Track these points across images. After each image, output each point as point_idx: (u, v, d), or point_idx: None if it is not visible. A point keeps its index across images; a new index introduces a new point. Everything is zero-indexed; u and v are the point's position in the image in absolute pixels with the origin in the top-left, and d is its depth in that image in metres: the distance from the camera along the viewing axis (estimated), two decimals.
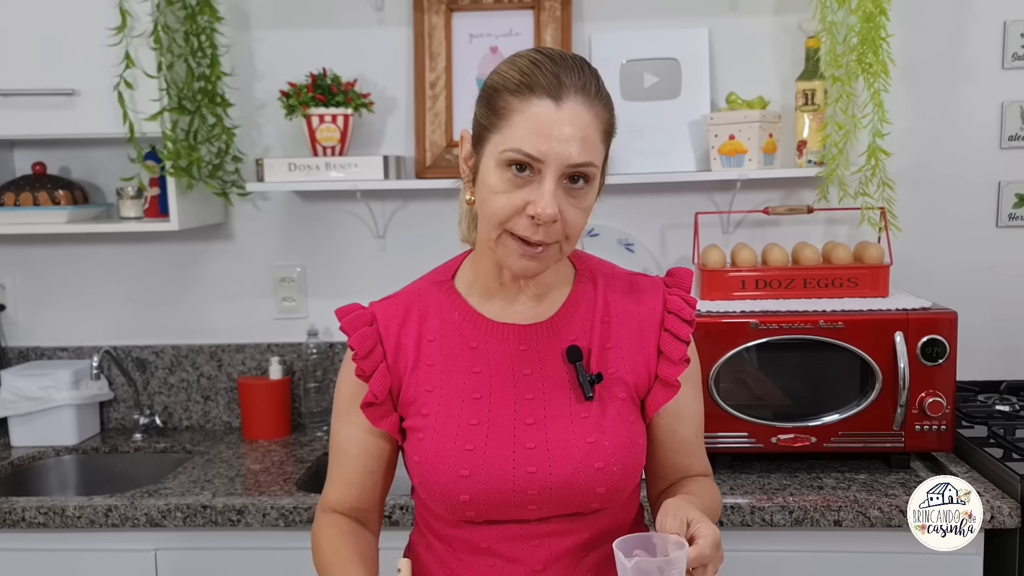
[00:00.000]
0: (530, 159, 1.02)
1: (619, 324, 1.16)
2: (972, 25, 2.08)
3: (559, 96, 1.02)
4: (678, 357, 1.15)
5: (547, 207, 1.01)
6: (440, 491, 1.10)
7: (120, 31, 1.89)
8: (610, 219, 2.17)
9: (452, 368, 1.13)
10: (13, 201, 2.10)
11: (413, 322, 1.15)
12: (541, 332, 1.15)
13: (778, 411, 1.80)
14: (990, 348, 2.12)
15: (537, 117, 1.02)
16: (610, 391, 1.13)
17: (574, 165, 1.03)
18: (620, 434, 1.11)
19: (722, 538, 1.02)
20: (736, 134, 1.99)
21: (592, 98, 1.05)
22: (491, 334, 1.14)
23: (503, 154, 1.03)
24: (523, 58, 1.06)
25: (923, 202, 2.12)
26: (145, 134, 1.96)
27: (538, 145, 1.01)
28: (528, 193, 1.03)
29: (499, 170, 1.04)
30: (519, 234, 1.04)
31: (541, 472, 1.08)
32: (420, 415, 1.13)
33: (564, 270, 1.18)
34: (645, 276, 1.22)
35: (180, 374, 2.28)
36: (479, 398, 1.12)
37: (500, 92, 1.05)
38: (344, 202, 2.23)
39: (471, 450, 1.09)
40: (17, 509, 1.72)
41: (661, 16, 2.13)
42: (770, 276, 1.89)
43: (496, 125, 1.04)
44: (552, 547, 1.12)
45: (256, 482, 1.84)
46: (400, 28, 2.16)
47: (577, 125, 1.02)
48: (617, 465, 1.10)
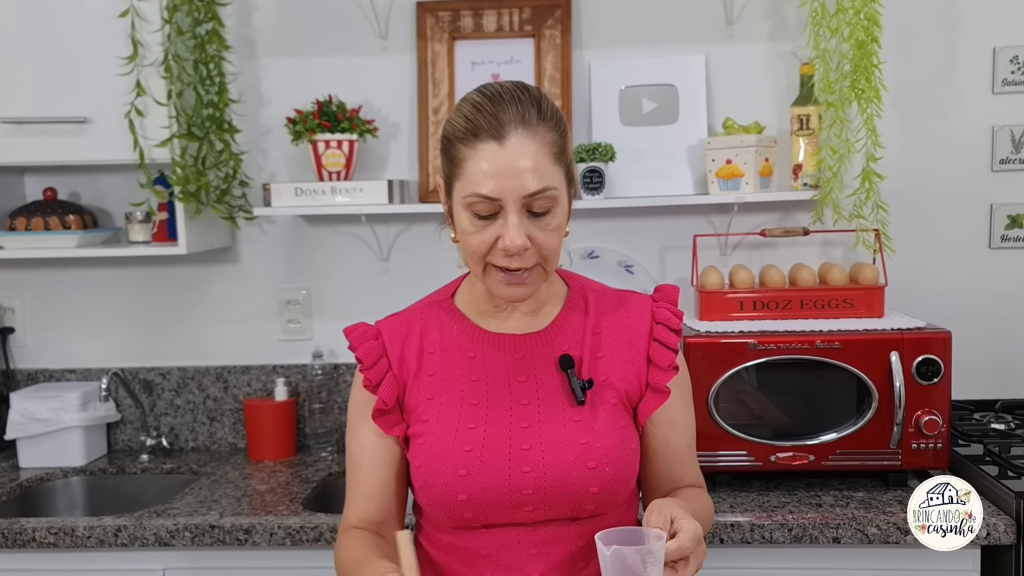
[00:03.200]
0: (488, 200, 1.09)
1: (609, 335, 1.23)
2: (962, 51, 2.13)
3: (500, 135, 1.09)
4: (667, 364, 1.21)
5: (514, 239, 1.09)
6: (439, 491, 1.14)
7: (132, 60, 1.94)
8: (610, 241, 2.21)
9: (451, 377, 1.20)
10: (24, 226, 2.13)
11: (415, 336, 1.23)
12: (535, 342, 1.21)
13: (777, 430, 1.83)
14: (984, 367, 2.15)
15: (485, 160, 1.09)
16: (601, 396, 1.19)
17: (531, 195, 1.09)
18: (611, 436, 1.17)
19: (722, 555, 1.05)
20: (733, 158, 2.03)
21: (534, 127, 1.10)
22: (488, 344, 1.21)
23: (465, 199, 1.11)
24: (467, 103, 1.14)
25: (917, 224, 2.16)
26: (154, 160, 2.00)
27: (492, 186, 1.08)
28: (497, 228, 1.10)
29: (467, 213, 1.12)
30: (499, 265, 1.12)
31: (536, 471, 1.13)
32: (421, 421, 1.19)
33: (557, 288, 1.26)
34: (633, 292, 1.29)
35: (186, 395, 2.31)
36: (476, 404, 1.18)
37: (452, 142, 1.13)
38: (349, 225, 2.27)
39: (468, 451, 1.15)
40: (27, 529, 1.74)
41: (659, 43, 2.18)
42: (767, 297, 1.93)
43: (455, 173, 1.13)
44: (550, 555, 1.16)
45: (262, 502, 1.86)
46: (404, 56, 2.21)
47: (524, 157, 1.09)
48: (609, 466, 1.15)
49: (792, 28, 2.14)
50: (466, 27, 2.18)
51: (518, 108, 1.10)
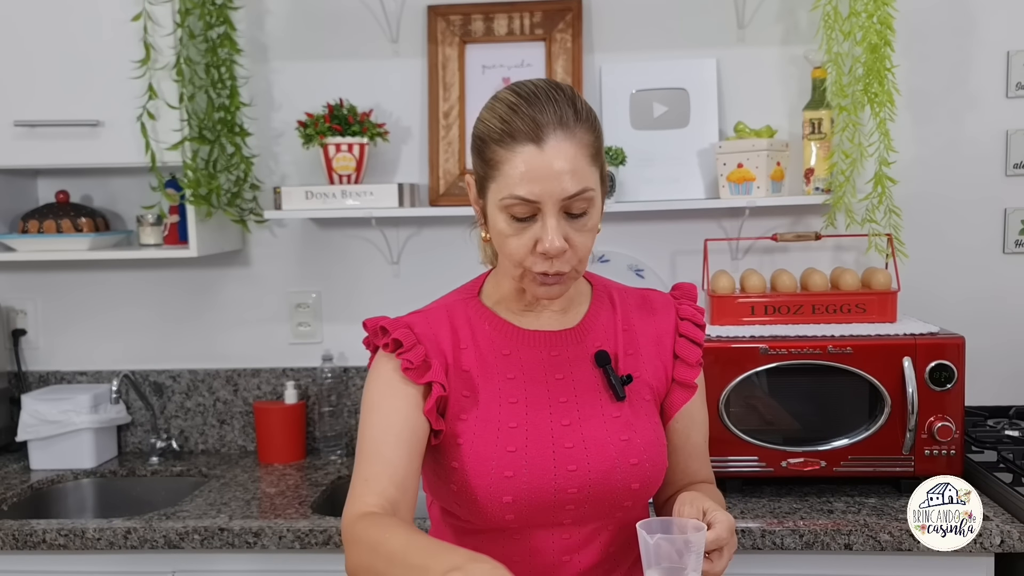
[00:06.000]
0: (527, 202, 1.08)
1: (639, 332, 1.23)
2: (976, 55, 2.12)
3: (539, 138, 1.07)
4: (694, 360, 1.24)
5: (554, 241, 1.08)
6: (482, 494, 1.11)
7: (144, 64, 1.94)
8: (620, 245, 2.20)
9: (487, 374, 1.17)
10: (37, 228, 2.14)
11: (446, 331, 1.18)
12: (569, 339, 1.20)
13: (788, 435, 1.82)
14: (998, 373, 2.14)
15: (524, 163, 1.07)
16: (638, 393, 1.20)
17: (570, 197, 1.08)
18: (649, 432, 1.18)
19: (733, 561, 1.05)
20: (744, 162, 2.02)
21: (572, 128, 1.09)
22: (522, 341, 1.19)
23: (502, 202, 1.09)
24: (501, 103, 1.11)
25: (930, 229, 2.14)
26: (166, 163, 2.01)
27: (531, 188, 1.07)
28: (535, 231, 1.09)
29: (503, 215, 1.10)
30: (536, 271, 1.11)
31: (581, 470, 1.13)
32: (459, 419, 1.15)
33: (582, 286, 1.26)
34: (653, 291, 1.30)
35: (197, 398, 2.32)
36: (515, 402, 1.16)
37: (487, 143, 1.11)
38: (359, 229, 2.27)
39: (513, 452, 1.13)
40: (38, 531, 1.75)
41: (670, 47, 2.17)
42: (779, 302, 1.92)
43: (491, 175, 1.11)
44: (584, 555, 1.16)
45: (272, 505, 1.86)
46: (415, 59, 2.22)
47: (563, 159, 1.07)
48: (649, 462, 1.16)
49: (804, 32, 2.13)
50: (477, 31, 2.18)
51: (555, 109, 1.08)
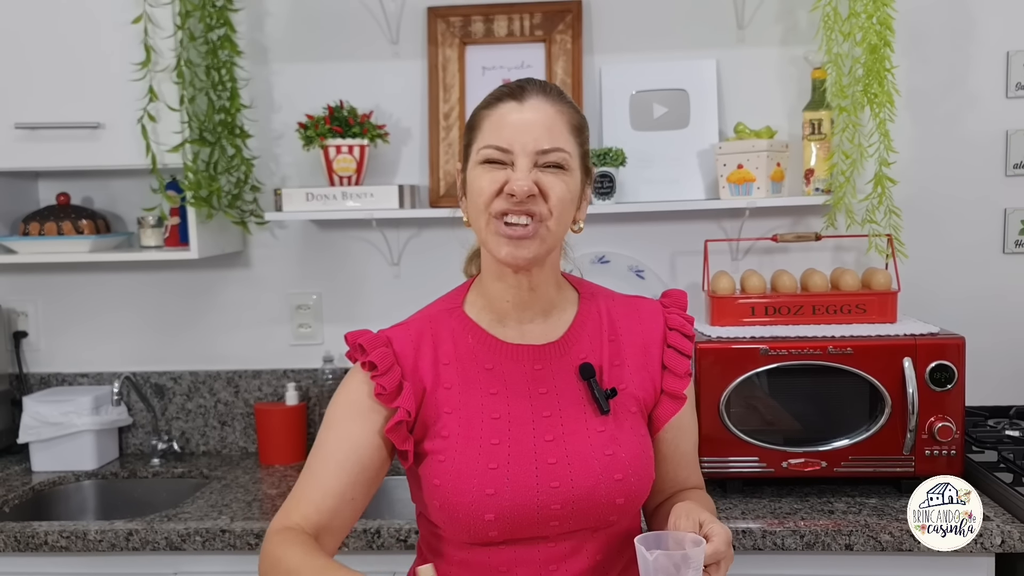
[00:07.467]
0: (500, 150, 1.11)
1: (625, 343, 1.21)
2: (975, 56, 2.12)
3: (521, 96, 1.13)
4: (683, 371, 1.22)
5: (521, 181, 1.09)
6: (464, 512, 1.10)
7: (144, 66, 1.95)
8: (620, 246, 2.20)
9: (469, 390, 1.16)
10: (38, 231, 2.15)
11: (428, 346, 1.18)
12: (553, 352, 1.19)
13: (788, 436, 1.82)
14: (998, 373, 2.14)
15: (502, 116, 1.13)
16: (623, 405, 1.18)
17: (543, 151, 1.11)
18: (635, 446, 1.16)
19: (733, 562, 1.05)
20: (744, 163, 2.02)
21: (554, 99, 1.15)
22: (505, 355, 1.18)
23: (479, 153, 1.13)
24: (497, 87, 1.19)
25: (930, 229, 2.14)
26: (167, 165, 2.01)
27: (505, 135, 1.11)
28: (506, 175, 1.11)
29: (480, 169, 1.13)
30: (501, 210, 1.11)
31: (564, 486, 1.11)
32: (440, 437, 1.14)
33: (567, 292, 1.24)
34: (641, 298, 1.28)
35: (197, 400, 2.32)
36: (498, 418, 1.15)
37: (475, 114, 1.18)
38: (360, 230, 2.27)
39: (494, 468, 1.11)
40: (40, 533, 1.75)
41: (670, 48, 2.18)
42: (779, 303, 1.92)
43: (473, 137, 1.16)
44: (570, 568, 1.14)
45: (273, 506, 1.86)
46: (415, 61, 2.22)
47: (540, 114, 1.12)
48: (634, 476, 1.14)
49: (804, 32, 2.13)
50: (477, 32, 2.18)
51: (542, 85, 1.15)
